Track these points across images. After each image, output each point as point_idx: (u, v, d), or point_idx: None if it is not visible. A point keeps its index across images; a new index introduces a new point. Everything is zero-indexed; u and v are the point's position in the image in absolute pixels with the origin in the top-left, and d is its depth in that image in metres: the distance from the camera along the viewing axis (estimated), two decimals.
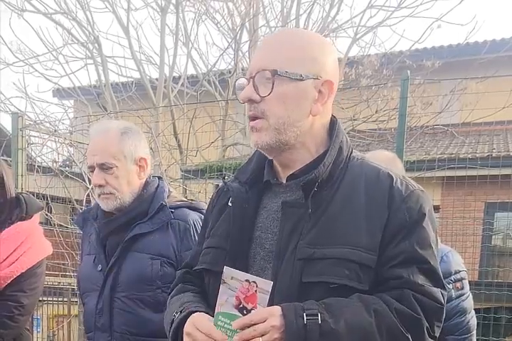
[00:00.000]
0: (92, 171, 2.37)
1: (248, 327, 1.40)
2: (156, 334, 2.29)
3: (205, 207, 2.46)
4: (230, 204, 1.66)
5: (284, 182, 1.62)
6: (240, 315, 1.43)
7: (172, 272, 2.32)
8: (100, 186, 2.34)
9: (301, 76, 1.50)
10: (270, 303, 1.44)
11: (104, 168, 2.32)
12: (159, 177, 2.55)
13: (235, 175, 1.72)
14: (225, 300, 1.46)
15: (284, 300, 1.46)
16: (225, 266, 1.48)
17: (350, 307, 1.43)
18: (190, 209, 2.44)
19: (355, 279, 1.47)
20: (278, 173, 1.64)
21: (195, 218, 2.40)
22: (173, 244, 2.35)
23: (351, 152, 1.61)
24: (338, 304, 1.43)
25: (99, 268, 2.41)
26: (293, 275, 1.49)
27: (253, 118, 1.55)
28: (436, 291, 1.50)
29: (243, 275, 1.45)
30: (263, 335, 1.39)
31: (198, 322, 1.49)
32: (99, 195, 2.37)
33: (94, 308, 2.40)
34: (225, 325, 1.45)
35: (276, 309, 1.41)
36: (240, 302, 1.44)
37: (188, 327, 1.51)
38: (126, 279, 2.35)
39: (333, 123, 1.62)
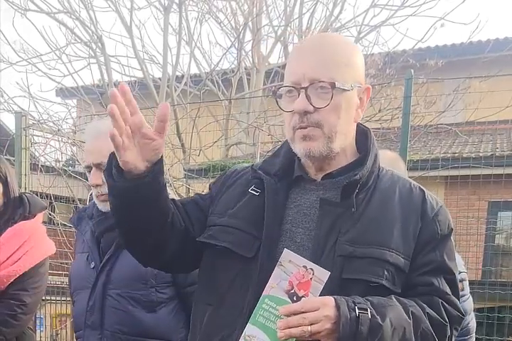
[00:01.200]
0: (90, 171, 2.35)
1: (296, 314, 1.38)
2: (147, 335, 2.28)
3: None
4: (251, 191, 1.65)
5: (319, 180, 1.63)
6: (289, 300, 1.41)
7: None
8: (97, 186, 2.32)
9: (351, 86, 1.55)
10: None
11: (100, 167, 2.29)
12: None
13: (260, 166, 1.70)
14: (276, 284, 1.44)
15: (325, 295, 1.44)
16: (285, 248, 1.47)
17: (392, 307, 1.46)
18: None
19: (391, 281, 1.52)
20: (308, 170, 1.66)
21: None
22: None
23: (380, 162, 1.67)
24: (380, 303, 1.45)
25: (92, 266, 2.37)
26: (333, 271, 1.48)
27: (304, 127, 1.56)
28: (458, 302, 1.58)
29: (302, 261, 1.43)
30: (312, 324, 1.37)
31: None
32: (97, 196, 2.35)
33: (85, 306, 2.35)
34: (270, 309, 1.43)
35: (330, 299, 1.40)
36: (292, 288, 1.42)
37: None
38: (119, 276, 2.31)
39: (364, 131, 1.68)
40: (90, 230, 2.44)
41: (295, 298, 1.41)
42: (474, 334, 2.83)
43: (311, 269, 1.41)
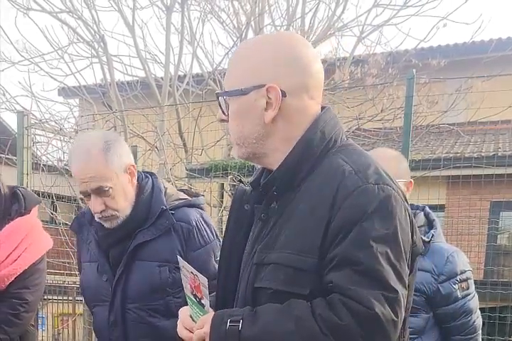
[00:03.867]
0: (85, 195, 2.26)
1: None
2: (170, 340, 2.31)
3: (203, 201, 2.49)
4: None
5: None
6: (196, 300, 1.54)
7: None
8: (102, 211, 2.26)
9: (242, 90, 1.51)
10: (232, 304, 1.57)
11: (99, 192, 2.21)
12: (151, 174, 2.46)
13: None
14: (185, 286, 1.57)
15: (241, 305, 1.52)
16: (177, 256, 1.59)
17: (274, 313, 1.43)
18: (190, 207, 2.40)
19: (291, 284, 1.45)
20: None
21: (196, 218, 2.36)
22: (178, 248, 2.31)
23: (329, 148, 1.53)
24: (263, 310, 1.45)
25: (105, 279, 2.37)
26: (248, 280, 1.53)
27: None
28: (368, 295, 1.37)
29: (189, 268, 1.53)
30: None
31: (181, 312, 1.66)
32: (99, 218, 2.29)
33: (107, 320, 2.37)
34: (190, 307, 1.57)
35: (209, 316, 1.49)
36: (193, 290, 1.53)
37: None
38: (136, 290, 2.32)
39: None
40: (94, 240, 2.41)
41: (197, 299, 1.53)
42: (480, 332, 2.82)
43: (196, 275, 1.50)
